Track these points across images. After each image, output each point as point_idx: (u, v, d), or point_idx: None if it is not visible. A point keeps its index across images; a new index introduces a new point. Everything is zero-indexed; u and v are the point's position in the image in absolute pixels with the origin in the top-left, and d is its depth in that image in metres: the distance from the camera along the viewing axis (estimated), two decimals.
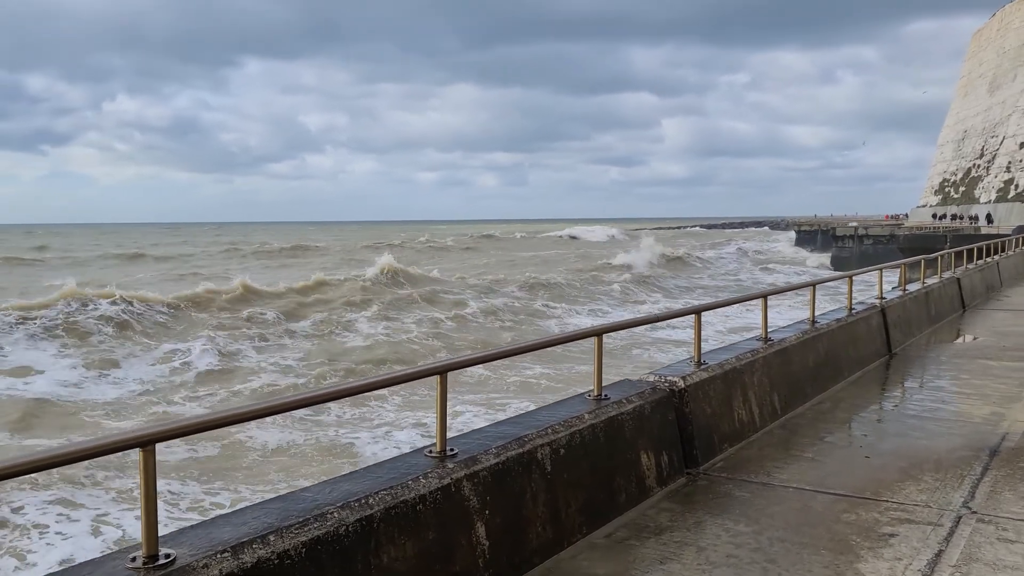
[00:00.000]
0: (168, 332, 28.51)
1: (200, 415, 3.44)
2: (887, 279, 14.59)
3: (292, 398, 3.92)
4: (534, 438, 5.22)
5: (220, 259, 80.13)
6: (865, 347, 11.64)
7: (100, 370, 22.38)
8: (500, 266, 64.84)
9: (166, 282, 47.97)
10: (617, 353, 23.38)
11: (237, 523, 3.53)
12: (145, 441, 3.09)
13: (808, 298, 10.63)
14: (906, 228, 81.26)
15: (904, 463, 6.98)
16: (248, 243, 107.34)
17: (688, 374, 7.17)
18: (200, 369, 22.72)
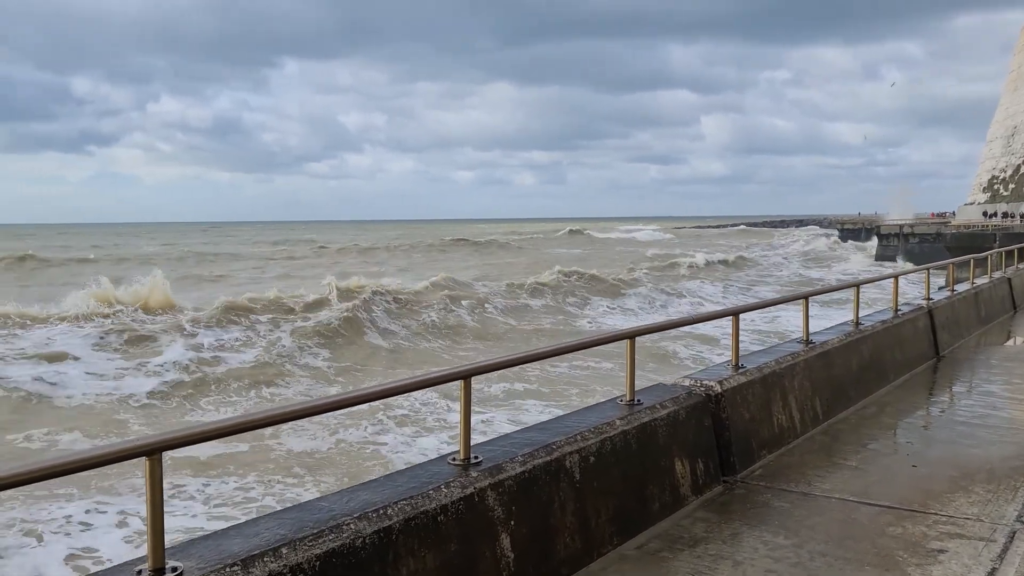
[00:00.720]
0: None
1: (208, 423, 3.32)
2: (934, 279, 14.13)
3: (308, 404, 3.79)
4: (562, 445, 5.03)
5: (362, 256, 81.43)
6: (911, 350, 11.24)
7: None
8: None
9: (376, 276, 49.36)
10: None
11: (249, 534, 3.40)
12: (152, 449, 2.98)
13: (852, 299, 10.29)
14: (953, 226, 79.27)
15: (953, 473, 6.66)
16: (334, 243, 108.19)
17: (725, 378, 6.92)
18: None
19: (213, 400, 18.51)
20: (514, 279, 40.46)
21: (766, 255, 75.33)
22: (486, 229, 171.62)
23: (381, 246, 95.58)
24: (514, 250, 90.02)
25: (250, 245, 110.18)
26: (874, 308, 13.02)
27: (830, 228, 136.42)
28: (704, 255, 64.18)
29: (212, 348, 23.40)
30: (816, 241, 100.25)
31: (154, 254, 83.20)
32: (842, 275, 57.11)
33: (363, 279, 36.40)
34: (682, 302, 38.76)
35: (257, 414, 3.48)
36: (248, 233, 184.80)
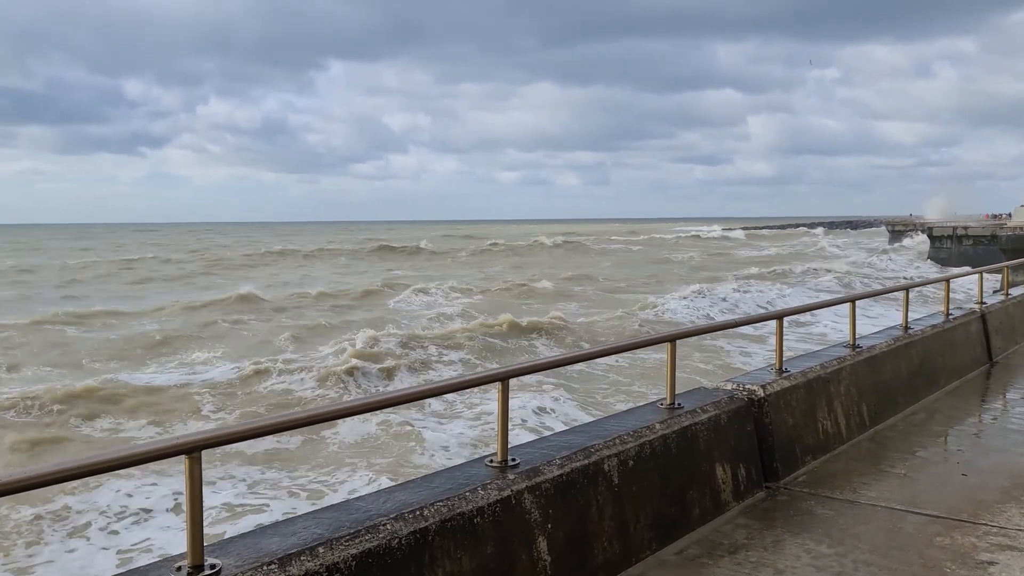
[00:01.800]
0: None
1: (247, 422, 3.36)
2: (988, 282, 13.73)
3: (344, 405, 3.82)
4: (601, 448, 5.00)
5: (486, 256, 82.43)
6: (963, 355, 10.94)
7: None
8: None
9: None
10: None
11: (286, 533, 3.44)
12: (191, 448, 3.02)
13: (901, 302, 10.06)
14: (1009, 228, 77.13)
15: (1006, 482, 6.46)
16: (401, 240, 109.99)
17: (768, 382, 6.81)
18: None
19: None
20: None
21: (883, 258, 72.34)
22: (551, 230, 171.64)
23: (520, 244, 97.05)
24: (638, 253, 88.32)
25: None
26: (925, 311, 12.71)
27: (880, 229, 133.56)
28: (843, 261, 63.27)
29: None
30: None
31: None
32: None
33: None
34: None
35: (293, 414, 3.52)
36: (331, 232, 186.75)
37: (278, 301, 37.77)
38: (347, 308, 36.50)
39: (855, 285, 43.66)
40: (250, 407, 17.09)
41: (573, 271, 54.59)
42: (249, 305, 35.92)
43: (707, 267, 60.59)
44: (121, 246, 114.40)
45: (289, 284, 49.70)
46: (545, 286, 42.91)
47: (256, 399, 17.83)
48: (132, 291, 48.09)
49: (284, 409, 16.72)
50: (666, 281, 47.07)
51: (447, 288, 41.82)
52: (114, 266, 69.02)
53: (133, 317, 32.82)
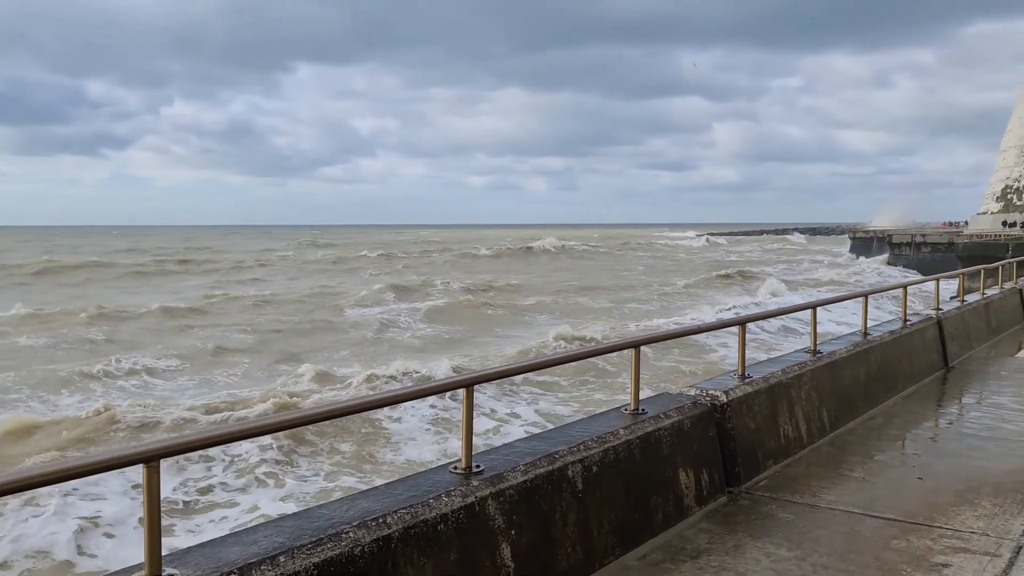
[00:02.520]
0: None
1: (206, 430, 3.33)
2: (945, 289, 14.02)
3: (306, 412, 3.79)
4: (565, 454, 5.02)
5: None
6: (920, 360, 11.17)
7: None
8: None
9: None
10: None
11: (247, 542, 3.40)
12: (149, 457, 2.98)
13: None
14: (966, 236, 78.79)
15: (960, 486, 6.60)
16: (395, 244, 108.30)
17: (731, 388, 6.89)
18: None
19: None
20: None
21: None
22: (535, 234, 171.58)
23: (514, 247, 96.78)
24: (639, 258, 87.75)
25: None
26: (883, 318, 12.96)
27: (842, 236, 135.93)
28: (825, 269, 64.13)
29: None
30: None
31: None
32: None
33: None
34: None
35: (256, 422, 3.48)
36: (331, 235, 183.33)
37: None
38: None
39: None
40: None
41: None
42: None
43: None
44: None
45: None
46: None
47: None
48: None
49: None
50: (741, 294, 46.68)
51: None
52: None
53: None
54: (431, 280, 51.06)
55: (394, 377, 18.90)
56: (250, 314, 35.82)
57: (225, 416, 16.15)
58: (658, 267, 72.76)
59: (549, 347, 25.03)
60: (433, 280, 50.94)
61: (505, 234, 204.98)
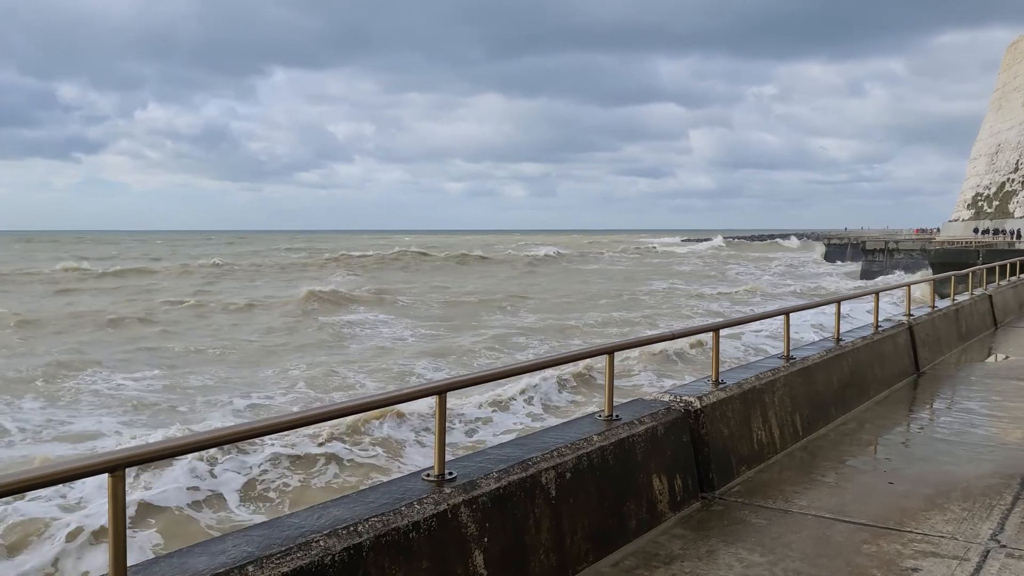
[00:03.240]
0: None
1: (173, 438, 3.28)
2: (916, 295, 14.18)
3: (275, 420, 3.75)
4: (539, 461, 5.01)
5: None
6: (892, 366, 11.29)
7: None
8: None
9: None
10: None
11: (215, 552, 3.36)
12: (114, 465, 2.94)
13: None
14: (937, 243, 79.91)
15: (930, 490, 6.67)
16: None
17: (705, 394, 6.92)
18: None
19: None
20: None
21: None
22: (531, 241, 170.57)
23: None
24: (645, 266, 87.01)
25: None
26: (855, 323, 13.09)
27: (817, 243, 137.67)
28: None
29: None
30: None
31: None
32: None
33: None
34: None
35: (223, 430, 3.44)
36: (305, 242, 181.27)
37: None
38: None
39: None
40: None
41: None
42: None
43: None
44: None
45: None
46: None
47: None
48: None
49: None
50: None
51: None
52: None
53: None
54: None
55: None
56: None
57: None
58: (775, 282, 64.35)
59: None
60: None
61: (483, 239, 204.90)
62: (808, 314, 23.15)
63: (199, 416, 17.29)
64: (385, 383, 20.80)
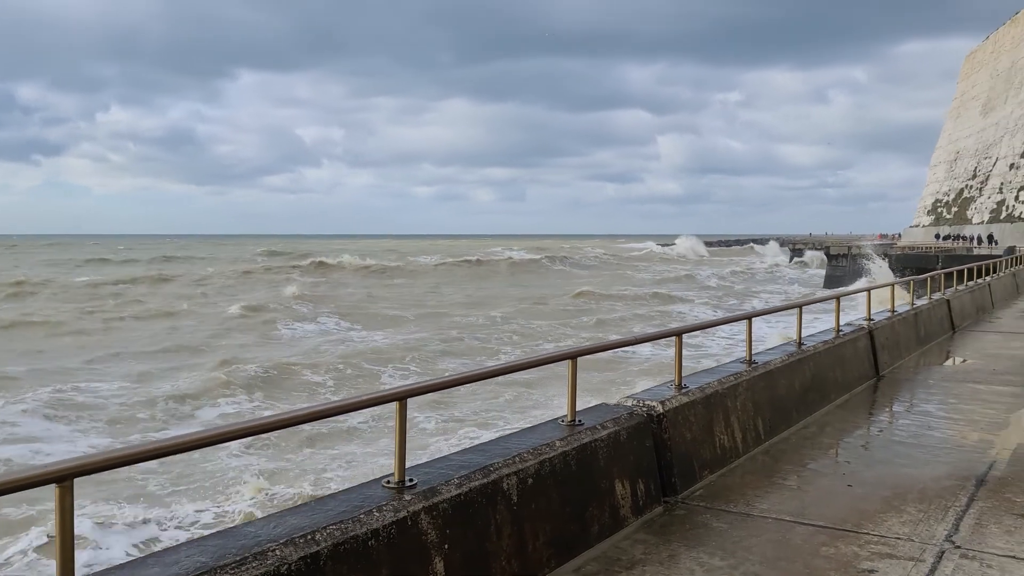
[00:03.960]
0: None
1: (122, 448, 3.23)
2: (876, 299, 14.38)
3: (230, 428, 3.70)
4: (500, 467, 5.00)
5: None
6: (852, 370, 11.46)
7: None
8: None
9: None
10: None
11: (168, 562, 3.31)
12: (62, 476, 2.88)
13: None
14: (898, 248, 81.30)
15: (887, 493, 6.78)
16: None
17: (668, 398, 6.96)
18: None
19: None
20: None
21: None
22: (511, 244, 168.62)
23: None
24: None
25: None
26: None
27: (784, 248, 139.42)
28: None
29: None
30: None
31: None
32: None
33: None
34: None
35: (173, 439, 3.39)
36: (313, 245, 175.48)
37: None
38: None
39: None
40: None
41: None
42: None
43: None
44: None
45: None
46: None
47: None
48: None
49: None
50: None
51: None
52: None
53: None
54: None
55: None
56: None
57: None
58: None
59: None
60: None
61: (451, 245, 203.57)
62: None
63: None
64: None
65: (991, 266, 26.73)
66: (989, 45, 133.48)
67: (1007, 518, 6.12)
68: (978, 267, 24.18)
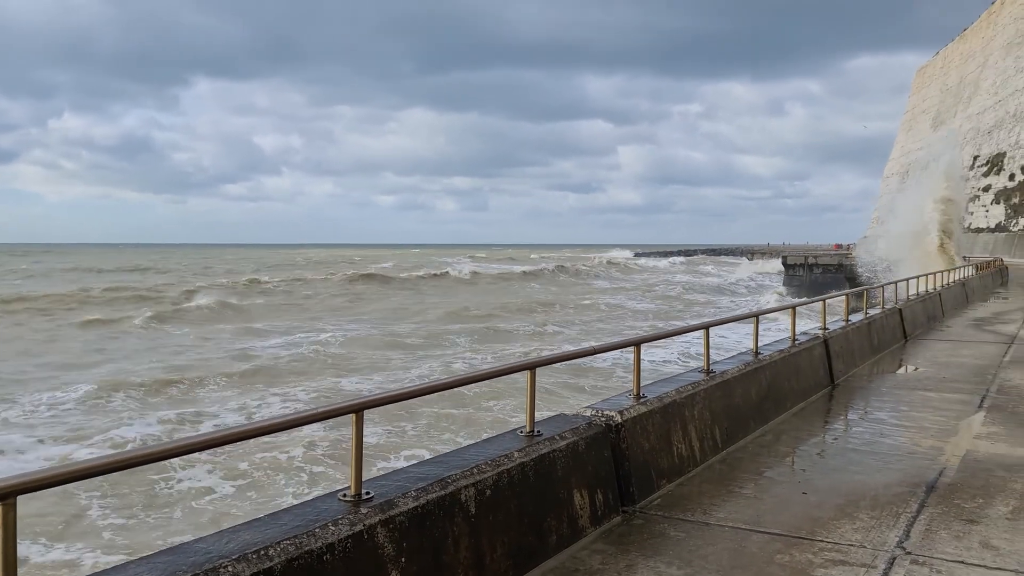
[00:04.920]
0: None
1: (68, 465, 3.15)
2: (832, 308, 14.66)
3: (183, 443, 3.64)
4: (458, 479, 4.99)
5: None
6: (808, 378, 11.63)
7: None
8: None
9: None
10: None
11: None
12: (5, 494, 2.80)
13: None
14: (853, 258, 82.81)
15: (841, 500, 6.88)
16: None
17: (626, 408, 7.00)
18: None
19: None
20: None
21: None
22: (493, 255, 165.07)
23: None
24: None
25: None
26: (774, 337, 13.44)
27: (741, 257, 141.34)
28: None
29: None
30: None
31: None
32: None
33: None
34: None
35: (124, 454, 3.32)
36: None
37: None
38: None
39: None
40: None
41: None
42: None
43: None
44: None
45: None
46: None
47: None
48: None
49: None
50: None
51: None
52: None
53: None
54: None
55: None
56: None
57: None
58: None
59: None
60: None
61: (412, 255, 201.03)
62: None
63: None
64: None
65: (942, 276, 27.35)
66: (939, 60, 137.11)
67: (956, 524, 6.26)
68: (930, 277, 24.75)
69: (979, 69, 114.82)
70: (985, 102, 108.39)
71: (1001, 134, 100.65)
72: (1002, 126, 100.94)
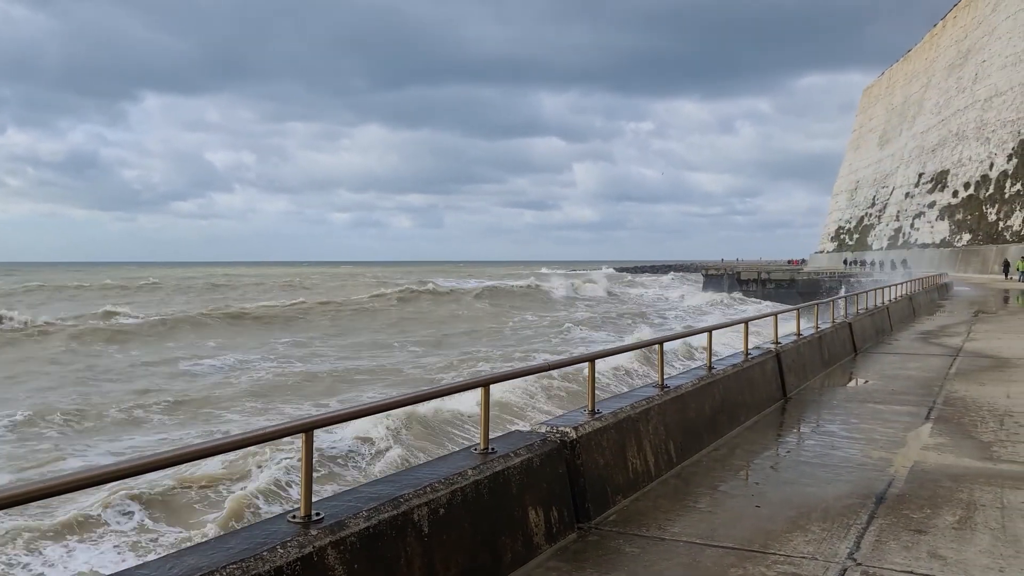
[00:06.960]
0: None
1: (16, 485, 3.03)
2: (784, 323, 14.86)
3: (130, 464, 3.52)
4: (411, 498, 4.92)
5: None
6: (761, 392, 11.77)
7: None
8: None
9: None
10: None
11: None
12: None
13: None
14: (804, 273, 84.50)
15: (793, 512, 6.95)
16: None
17: (581, 424, 7.00)
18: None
19: None
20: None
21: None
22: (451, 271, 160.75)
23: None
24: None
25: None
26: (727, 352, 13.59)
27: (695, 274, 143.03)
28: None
29: None
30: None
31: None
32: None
33: None
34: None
35: (72, 474, 3.21)
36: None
37: None
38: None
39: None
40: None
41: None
42: None
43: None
44: None
45: None
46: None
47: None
48: None
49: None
50: None
51: None
52: None
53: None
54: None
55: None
56: None
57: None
58: None
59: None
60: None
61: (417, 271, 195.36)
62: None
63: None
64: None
65: (890, 290, 27.99)
66: (884, 81, 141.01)
67: (905, 534, 6.36)
68: (878, 291, 25.30)
69: (923, 89, 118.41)
70: (929, 121, 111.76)
71: (944, 152, 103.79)
72: (945, 144, 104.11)
